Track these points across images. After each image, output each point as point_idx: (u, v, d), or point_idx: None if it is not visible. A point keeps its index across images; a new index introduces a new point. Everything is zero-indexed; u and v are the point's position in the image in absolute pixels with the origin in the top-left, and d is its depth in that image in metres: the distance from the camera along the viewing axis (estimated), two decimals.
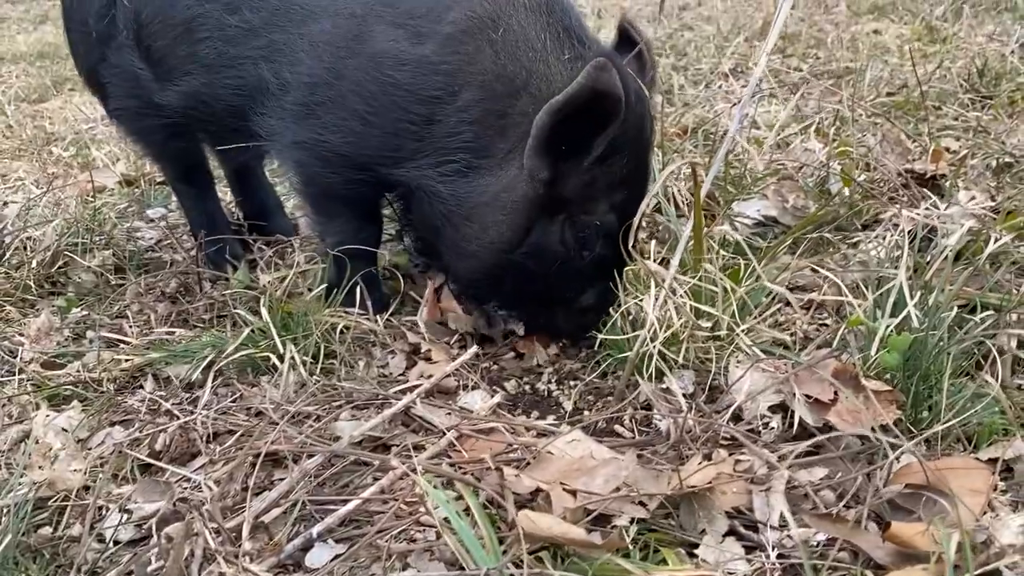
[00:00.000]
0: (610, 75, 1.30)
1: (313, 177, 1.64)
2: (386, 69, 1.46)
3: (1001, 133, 2.63)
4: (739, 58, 4.08)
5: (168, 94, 1.74)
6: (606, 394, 1.51)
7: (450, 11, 1.46)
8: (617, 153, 1.44)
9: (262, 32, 1.56)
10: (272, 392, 1.46)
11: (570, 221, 1.49)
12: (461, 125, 1.47)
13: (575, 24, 1.49)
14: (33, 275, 2.00)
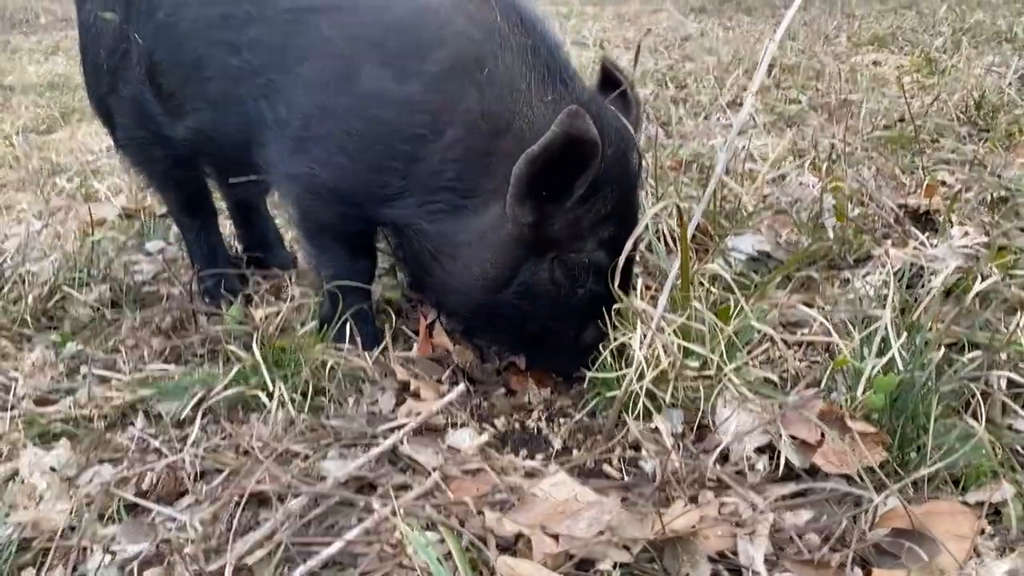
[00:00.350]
0: (583, 121, 1.32)
1: (307, 211, 1.67)
2: (372, 107, 1.49)
3: (997, 166, 2.64)
4: (738, 90, 4.11)
5: (177, 128, 1.79)
6: (595, 432, 1.50)
7: (435, 51, 1.48)
8: (600, 192, 1.45)
9: (261, 72, 1.60)
10: (261, 430, 1.47)
11: (559, 260, 1.51)
12: (445, 163, 1.48)
13: (560, 66, 1.51)
14: (30, 310, 2.01)
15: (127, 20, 1.76)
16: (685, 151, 3.00)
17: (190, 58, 1.68)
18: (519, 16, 1.51)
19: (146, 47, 1.74)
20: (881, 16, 7.66)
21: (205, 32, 1.64)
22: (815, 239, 2.01)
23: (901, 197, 2.23)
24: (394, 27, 1.50)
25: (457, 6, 1.50)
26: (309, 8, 1.55)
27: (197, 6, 1.65)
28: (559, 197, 1.43)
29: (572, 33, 7.73)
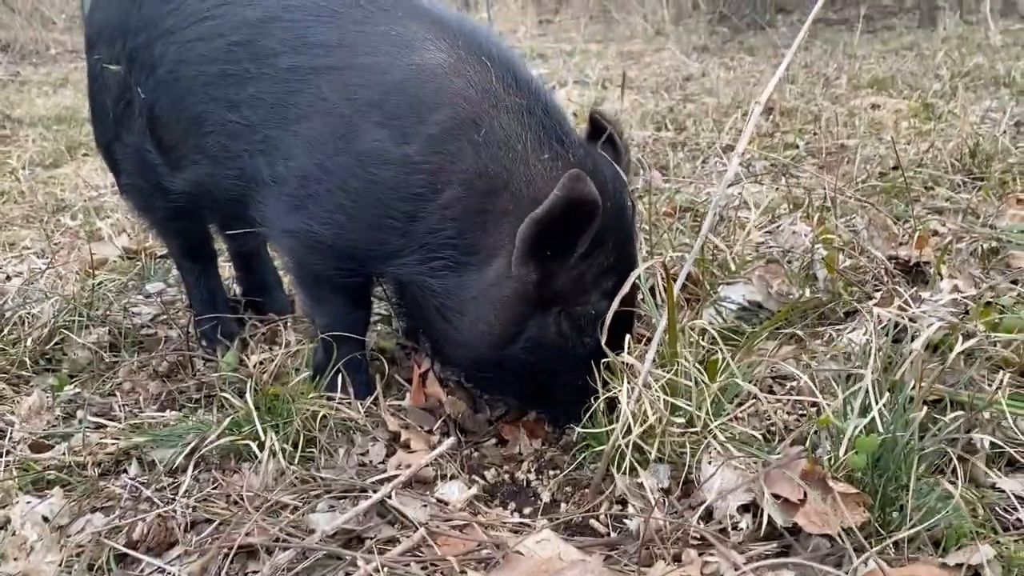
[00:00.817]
0: (585, 184, 1.35)
1: (304, 264, 1.69)
2: (370, 167, 1.52)
3: (990, 216, 2.66)
4: (736, 133, 4.15)
5: (177, 180, 1.83)
6: (584, 485, 1.51)
7: (434, 113, 1.51)
8: (601, 245, 1.49)
9: (259, 128, 1.63)
10: (252, 480, 1.48)
11: (565, 313, 1.54)
12: (444, 222, 1.52)
13: (556, 123, 1.55)
14: (29, 352, 2.03)
15: (130, 73, 1.81)
16: (681, 197, 3.04)
17: (190, 113, 1.72)
18: (514, 77, 1.56)
19: (147, 101, 1.78)
20: (882, 57, 7.75)
21: (205, 89, 1.68)
22: (805, 291, 2.03)
23: (893, 248, 2.25)
24: (393, 88, 1.54)
25: (454, 68, 1.54)
26: (309, 68, 1.58)
27: (197, 63, 1.69)
28: (562, 254, 1.46)
29: (575, 71, 7.85)
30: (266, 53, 1.62)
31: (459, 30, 1.61)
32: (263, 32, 1.63)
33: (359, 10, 1.62)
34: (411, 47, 1.57)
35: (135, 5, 1.79)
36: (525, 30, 12.57)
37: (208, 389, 1.92)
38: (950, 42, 8.41)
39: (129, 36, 1.79)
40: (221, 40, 1.66)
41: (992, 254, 2.32)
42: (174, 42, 1.71)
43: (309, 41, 1.60)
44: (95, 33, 1.92)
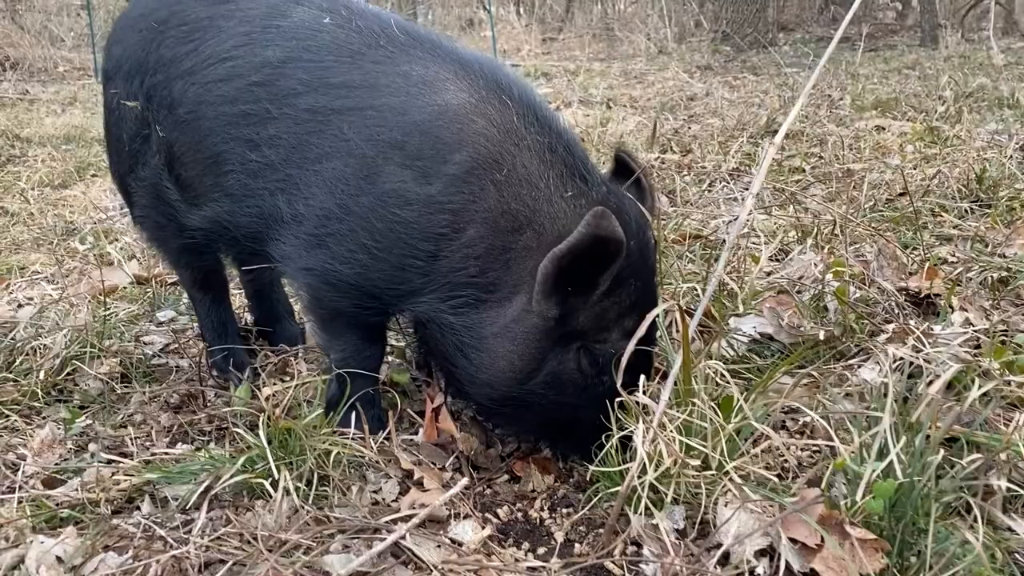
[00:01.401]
0: (609, 222, 1.36)
1: (322, 300, 1.69)
2: (393, 207, 1.53)
3: (998, 244, 2.67)
4: (742, 157, 4.17)
5: (194, 216, 1.83)
6: (598, 525, 1.51)
7: (456, 153, 1.52)
8: (624, 283, 1.49)
9: (280, 167, 1.64)
10: (266, 518, 1.48)
11: (585, 349, 1.54)
12: (467, 260, 1.52)
13: (578, 161, 1.56)
14: (41, 384, 2.03)
15: (148, 109, 1.82)
16: (690, 223, 3.04)
17: (210, 152, 1.72)
18: (536, 116, 1.57)
19: (166, 138, 1.79)
20: (884, 77, 7.78)
21: (225, 128, 1.68)
22: (816, 323, 2.03)
23: (902, 279, 2.25)
24: (415, 129, 1.55)
25: (475, 108, 1.55)
26: (330, 109, 1.59)
27: (218, 104, 1.69)
28: (584, 291, 1.47)
29: (580, 91, 7.89)
30: (286, 93, 1.63)
31: (479, 69, 1.62)
32: (283, 73, 1.64)
33: (379, 50, 1.64)
34: (432, 87, 1.58)
35: (154, 44, 1.81)
36: (529, 49, 12.65)
37: (220, 422, 1.92)
38: (952, 61, 8.45)
39: (148, 74, 1.81)
40: (241, 81, 1.67)
41: (1002, 284, 2.32)
42: (194, 83, 1.72)
43: (330, 82, 1.61)
44: (113, 67, 1.93)
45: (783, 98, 5.91)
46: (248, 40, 1.69)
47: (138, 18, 1.90)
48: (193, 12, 1.78)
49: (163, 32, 1.80)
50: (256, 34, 1.70)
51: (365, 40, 1.65)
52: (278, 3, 1.74)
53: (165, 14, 1.82)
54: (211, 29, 1.74)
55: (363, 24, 1.68)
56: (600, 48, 13.12)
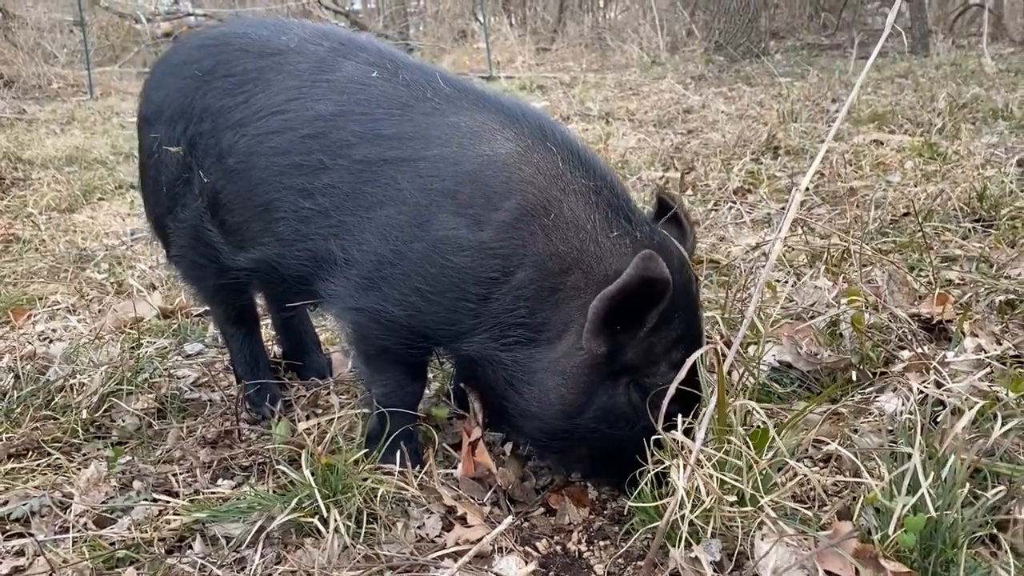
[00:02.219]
0: (656, 263, 1.44)
1: (369, 337, 1.75)
2: (447, 253, 1.59)
3: (1003, 264, 2.74)
4: (746, 175, 4.25)
5: (240, 258, 1.88)
6: (636, 557, 1.57)
7: (505, 200, 1.59)
8: (670, 320, 1.56)
9: (333, 214, 1.70)
10: (316, 556, 1.54)
11: (635, 383, 1.61)
12: (517, 302, 1.59)
13: (622, 202, 1.63)
14: (81, 421, 2.08)
15: (191, 155, 1.87)
16: (702, 246, 3.11)
17: (261, 200, 1.78)
18: (579, 161, 1.64)
19: (211, 185, 1.85)
20: (878, 86, 7.88)
21: (278, 178, 1.74)
22: (833, 350, 2.10)
23: (914, 303, 2.32)
24: (466, 178, 1.62)
25: (522, 157, 1.63)
26: (383, 159, 1.66)
27: (270, 155, 1.75)
28: (632, 328, 1.53)
29: (576, 104, 7.97)
30: (340, 145, 1.69)
31: (523, 118, 1.69)
32: (336, 126, 1.71)
33: (427, 103, 1.71)
34: (480, 137, 1.65)
35: (199, 92, 1.86)
36: (523, 60, 12.71)
37: (258, 456, 1.97)
38: (944, 70, 8.56)
39: (192, 121, 1.86)
40: (294, 133, 1.73)
41: (1009, 307, 2.39)
42: (244, 134, 1.78)
43: (383, 134, 1.67)
44: (153, 112, 1.98)
45: (781, 112, 5.99)
46: (299, 94, 1.76)
47: (181, 65, 1.96)
48: (240, 64, 1.84)
49: (209, 82, 1.86)
50: (306, 88, 1.76)
51: (413, 93, 1.72)
52: (325, 56, 1.80)
53: (211, 64, 1.88)
54: (260, 82, 1.80)
55: (410, 77, 1.75)
56: (593, 58, 13.19)
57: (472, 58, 13.15)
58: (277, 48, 1.86)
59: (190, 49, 1.99)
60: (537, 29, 16.09)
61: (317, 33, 1.91)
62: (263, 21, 2.04)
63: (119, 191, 5.33)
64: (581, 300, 1.53)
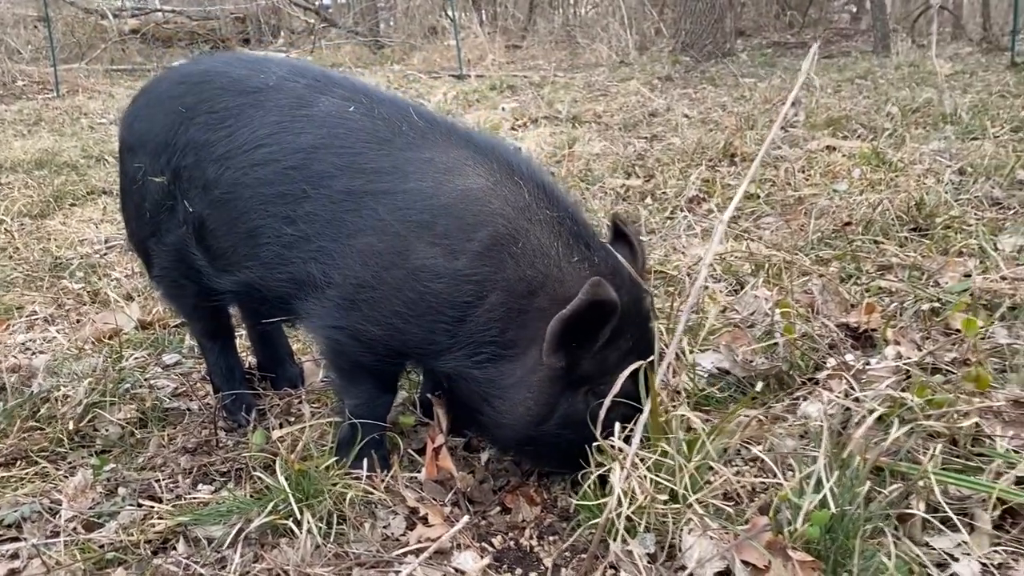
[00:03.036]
0: (603, 288, 1.62)
1: (346, 353, 1.90)
2: (425, 280, 1.75)
3: (934, 272, 2.94)
4: (703, 183, 4.43)
5: (224, 281, 2.03)
6: (581, 550, 1.75)
7: (478, 231, 1.75)
8: (622, 334, 1.74)
9: (314, 240, 1.85)
10: (291, 555, 1.69)
11: (592, 392, 1.78)
12: (489, 323, 1.76)
13: (581, 230, 1.81)
14: (66, 431, 2.21)
15: (174, 185, 2.01)
16: (655, 255, 3.29)
17: (246, 228, 1.92)
18: (544, 193, 1.82)
19: (197, 214, 1.98)
20: (839, 87, 8.12)
21: (262, 207, 1.88)
22: (768, 357, 2.28)
23: (844, 313, 2.51)
24: (442, 211, 1.77)
25: (492, 191, 1.79)
26: (364, 191, 1.81)
27: (255, 186, 1.89)
28: (586, 344, 1.71)
29: (545, 106, 8.12)
30: (321, 175, 1.84)
31: (493, 154, 1.86)
32: (317, 158, 1.86)
33: (403, 137, 1.86)
34: (454, 172, 1.81)
35: (182, 128, 1.99)
36: (493, 58, 12.81)
37: (235, 463, 2.12)
38: (902, 71, 8.81)
39: (176, 154, 1.99)
40: (277, 165, 1.88)
41: (933, 315, 2.59)
42: (229, 167, 1.92)
43: (363, 167, 1.83)
44: (136, 142, 2.11)
45: (739, 117, 6.19)
46: (280, 128, 1.90)
47: (164, 99, 2.09)
48: (222, 101, 1.98)
49: (192, 117, 1.99)
50: (286, 122, 1.91)
51: (389, 128, 1.88)
52: (303, 93, 1.95)
53: (193, 100, 2.01)
54: (243, 117, 1.94)
55: (385, 112, 1.91)
56: (563, 56, 13.33)
57: (443, 55, 13.22)
58: (256, 86, 2.00)
59: (172, 84, 2.12)
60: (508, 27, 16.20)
61: (293, 70, 2.05)
62: (241, 58, 2.18)
63: (91, 196, 5.38)
64: (545, 320, 1.70)
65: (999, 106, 6.13)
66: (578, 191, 4.40)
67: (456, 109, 8.14)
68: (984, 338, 2.35)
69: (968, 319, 2.14)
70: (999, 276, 2.78)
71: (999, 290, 2.69)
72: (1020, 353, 2.21)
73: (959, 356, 2.20)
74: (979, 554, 1.56)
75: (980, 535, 1.61)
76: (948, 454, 1.78)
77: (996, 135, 4.99)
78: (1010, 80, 7.40)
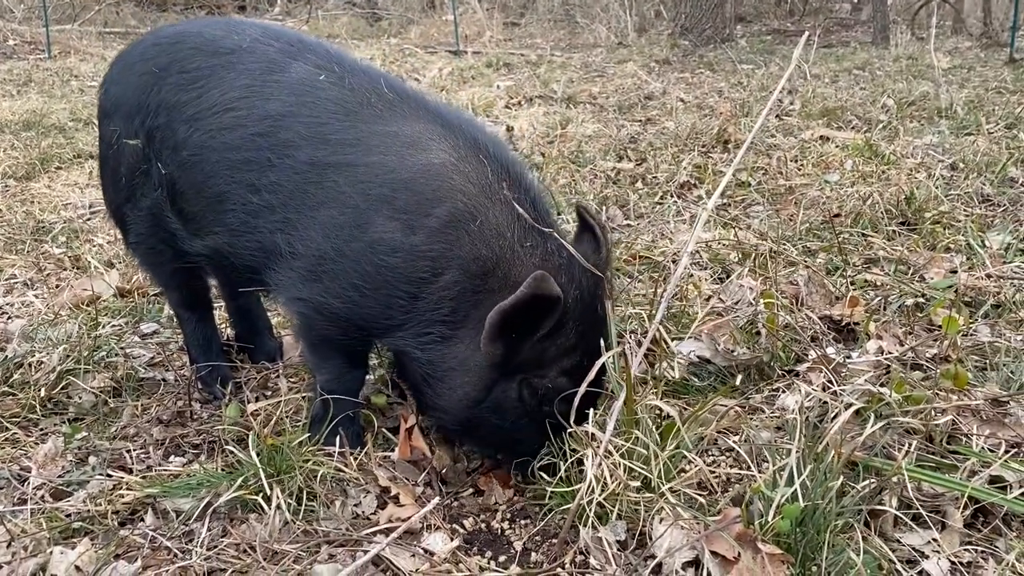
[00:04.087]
0: (546, 283, 1.58)
1: (313, 327, 1.89)
2: (382, 254, 1.73)
3: (919, 268, 2.94)
4: (694, 169, 4.40)
5: (195, 244, 2.00)
6: (552, 535, 1.74)
7: (436, 207, 1.72)
8: (564, 329, 1.70)
9: (279, 210, 1.82)
10: (260, 531, 1.68)
11: (526, 382, 1.75)
12: (442, 301, 1.73)
13: (540, 214, 1.78)
14: (39, 398, 2.19)
15: (148, 147, 1.97)
16: (642, 241, 3.27)
17: (213, 192, 1.89)
18: (507, 173, 1.78)
19: (169, 176, 1.95)
20: (836, 77, 8.08)
21: (228, 172, 1.86)
22: (750, 347, 2.27)
23: (828, 306, 2.50)
24: (402, 185, 1.75)
25: (454, 167, 1.76)
26: (326, 163, 1.78)
27: (221, 150, 1.86)
28: (525, 335, 1.68)
29: (541, 86, 8.06)
30: (286, 145, 1.81)
31: (459, 129, 1.83)
32: (283, 126, 1.82)
33: (370, 109, 1.83)
34: (417, 147, 1.78)
35: (155, 88, 1.96)
36: (491, 35, 12.70)
37: (209, 435, 2.10)
38: (900, 63, 8.78)
39: (149, 115, 1.96)
40: (244, 130, 1.85)
41: (917, 310, 2.58)
42: (198, 128, 1.88)
43: (328, 138, 1.80)
44: (111, 106, 2.08)
45: (735, 103, 6.16)
46: (250, 92, 1.87)
47: (138, 62, 2.05)
48: (194, 61, 1.94)
49: (164, 78, 1.96)
50: (257, 87, 1.87)
51: (357, 98, 1.84)
52: (276, 58, 1.91)
53: (166, 61, 1.98)
54: (213, 79, 1.90)
55: (355, 82, 1.87)
56: (562, 36, 13.23)
57: (440, 31, 13.11)
58: (230, 47, 1.96)
59: (146, 47, 2.09)
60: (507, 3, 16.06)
61: (268, 33, 2.02)
62: (216, 21, 2.14)
63: (77, 160, 5.32)
64: (494, 301, 1.67)
65: (995, 102, 6.11)
66: (568, 173, 4.37)
67: (451, 86, 8.07)
68: (967, 335, 2.35)
69: (949, 316, 2.13)
70: (984, 273, 2.77)
71: (984, 287, 2.69)
72: (1002, 351, 2.21)
73: (940, 353, 2.19)
74: (949, 552, 1.56)
75: (951, 533, 1.61)
76: (923, 451, 1.78)
77: (990, 131, 4.98)
78: (1007, 76, 7.38)
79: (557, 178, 4.29)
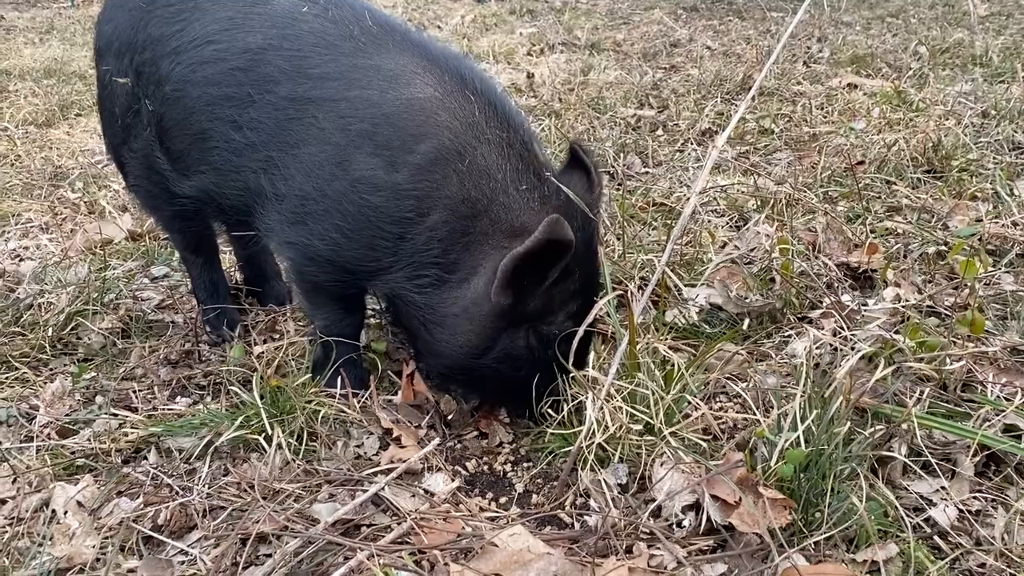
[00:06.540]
0: (562, 227, 1.53)
1: (303, 272, 1.86)
2: (363, 193, 1.68)
3: (944, 215, 2.85)
4: (716, 116, 4.30)
5: (184, 185, 1.97)
6: (553, 478, 1.72)
7: (421, 143, 1.66)
8: (570, 275, 1.67)
9: (261, 149, 1.78)
10: (261, 470, 1.68)
11: (534, 330, 1.72)
12: (431, 242, 1.68)
13: (533, 156, 1.71)
14: (48, 338, 2.20)
15: (138, 85, 1.94)
16: (658, 188, 3.21)
17: (196, 129, 1.85)
18: (495, 111, 1.71)
19: (156, 113, 1.92)
20: (868, 25, 7.84)
21: (209, 108, 1.81)
22: (763, 294, 2.22)
23: (846, 253, 2.44)
24: (384, 120, 1.68)
25: (441, 102, 1.69)
26: (306, 98, 1.73)
27: (202, 84, 1.82)
28: (535, 283, 1.64)
29: (564, 32, 7.90)
30: (266, 80, 1.76)
31: (445, 64, 1.76)
32: (263, 60, 1.77)
33: (352, 42, 1.76)
34: (401, 81, 1.71)
35: (142, 23, 1.92)
36: None
37: (215, 377, 2.10)
38: (937, 10, 8.49)
39: (137, 52, 1.92)
40: (224, 64, 1.79)
41: (939, 258, 2.51)
42: (180, 62, 1.84)
43: (308, 73, 1.74)
44: (104, 45, 2.04)
45: (761, 50, 5.99)
46: (231, 25, 1.81)
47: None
48: None
49: (150, 12, 1.92)
50: (239, 19, 1.82)
51: (340, 31, 1.78)
52: None
53: None
54: (196, 11, 1.86)
55: (338, 15, 1.80)
56: None
57: None
58: None
59: None
60: None
61: None
62: None
63: (96, 107, 5.32)
64: (489, 245, 1.63)
65: None
66: (587, 119, 4.28)
67: (473, 33, 7.94)
68: (988, 284, 2.28)
69: (967, 260, 2.06)
70: (1011, 221, 2.68)
71: (1010, 236, 2.60)
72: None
73: (960, 301, 2.13)
74: (957, 500, 1.52)
75: (960, 481, 1.57)
76: (937, 399, 1.73)
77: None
78: None
79: (575, 125, 4.21)
